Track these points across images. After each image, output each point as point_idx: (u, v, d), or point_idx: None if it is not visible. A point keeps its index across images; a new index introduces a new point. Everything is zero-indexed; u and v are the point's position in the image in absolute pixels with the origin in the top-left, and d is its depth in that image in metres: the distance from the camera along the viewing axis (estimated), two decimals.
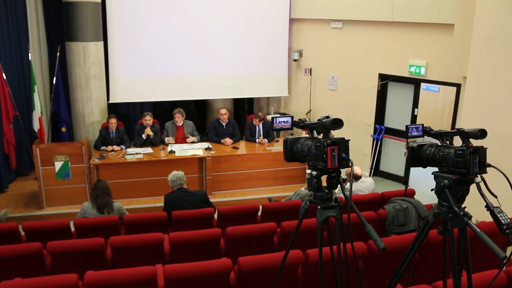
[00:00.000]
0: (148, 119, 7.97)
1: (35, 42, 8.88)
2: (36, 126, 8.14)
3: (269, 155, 7.96)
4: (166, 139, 8.11)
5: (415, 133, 2.92)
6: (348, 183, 2.51)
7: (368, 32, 8.64)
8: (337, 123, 2.39)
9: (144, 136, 7.93)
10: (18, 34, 8.30)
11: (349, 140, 2.43)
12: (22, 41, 8.42)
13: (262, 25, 9.67)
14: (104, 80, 8.68)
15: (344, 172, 2.79)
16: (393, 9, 8.05)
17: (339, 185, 2.52)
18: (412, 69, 8.01)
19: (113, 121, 7.89)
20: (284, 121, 2.84)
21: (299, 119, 2.65)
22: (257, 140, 8.38)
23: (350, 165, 2.35)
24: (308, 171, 2.52)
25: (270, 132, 8.54)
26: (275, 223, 4.76)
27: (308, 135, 2.64)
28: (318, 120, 2.52)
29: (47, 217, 6.91)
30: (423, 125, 2.93)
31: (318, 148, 2.40)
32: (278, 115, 9.90)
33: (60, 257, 4.35)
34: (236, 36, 9.57)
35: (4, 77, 7.55)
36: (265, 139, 8.36)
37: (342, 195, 2.56)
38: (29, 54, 8.28)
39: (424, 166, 2.79)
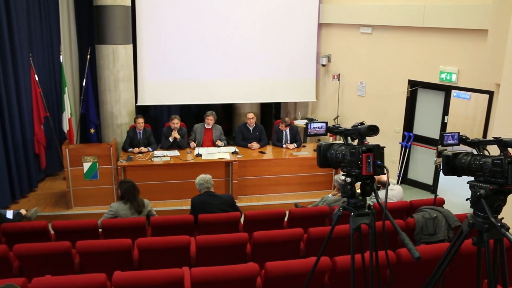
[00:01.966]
0: (176, 122, 8.04)
1: (66, 45, 9.07)
2: (65, 127, 8.29)
3: (296, 160, 7.94)
4: (191, 144, 8.15)
5: (450, 141, 2.88)
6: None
7: (398, 38, 8.56)
8: (373, 130, 2.37)
9: (171, 139, 7.99)
10: (50, 37, 8.49)
11: (385, 147, 2.41)
12: (54, 44, 8.61)
13: (290, 30, 9.67)
14: (132, 83, 8.79)
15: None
16: (424, 15, 7.95)
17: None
18: (443, 75, 7.90)
19: (140, 120, 7.99)
20: (318, 127, 2.83)
21: (333, 125, 2.64)
22: (283, 145, 8.37)
23: (385, 172, 2.33)
24: (342, 177, 2.51)
25: (298, 137, 8.52)
26: (302, 229, 4.74)
27: (341, 142, 2.63)
28: (353, 126, 2.50)
29: (75, 217, 7.02)
30: (459, 133, 2.89)
31: (353, 154, 2.39)
32: (312, 121, 9.87)
33: (88, 257, 4.41)
34: (264, 41, 9.60)
35: (37, 79, 7.72)
36: (294, 144, 8.35)
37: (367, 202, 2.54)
38: (61, 56, 8.47)
39: (459, 175, 2.74)
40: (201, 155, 7.70)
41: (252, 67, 9.63)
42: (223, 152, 7.87)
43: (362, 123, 2.51)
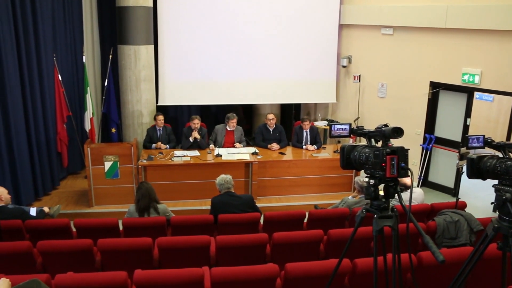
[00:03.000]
0: (196, 123, 8.07)
1: (89, 45, 9.20)
2: (87, 127, 8.41)
3: (316, 161, 7.92)
4: (210, 146, 8.17)
5: (475, 144, 2.85)
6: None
7: (419, 39, 8.48)
8: (398, 132, 2.36)
9: (191, 139, 8.04)
10: (73, 38, 8.62)
11: (409, 149, 2.39)
12: (77, 44, 8.73)
13: (311, 31, 9.65)
14: (153, 83, 8.86)
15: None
16: (446, 15, 7.86)
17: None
18: (466, 77, 7.80)
19: (160, 117, 8.09)
20: (342, 128, 2.82)
21: (357, 127, 2.64)
22: (303, 146, 8.35)
23: (409, 174, 2.31)
24: (365, 179, 2.50)
25: (318, 138, 8.49)
26: (322, 231, 4.73)
27: (364, 143, 2.62)
28: (377, 128, 2.49)
29: (96, 215, 7.10)
30: (484, 136, 2.86)
31: (377, 156, 2.38)
32: (333, 122, 9.84)
33: (109, 254, 4.45)
34: (285, 42, 9.59)
35: (60, 79, 7.84)
36: (314, 146, 8.33)
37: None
38: (83, 57, 8.58)
39: (484, 178, 2.71)
40: (221, 156, 7.72)
41: (273, 68, 9.64)
42: (243, 153, 7.89)
43: (386, 125, 2.50)
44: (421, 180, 8.78)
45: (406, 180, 5.86)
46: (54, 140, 7.94)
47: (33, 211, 5.55)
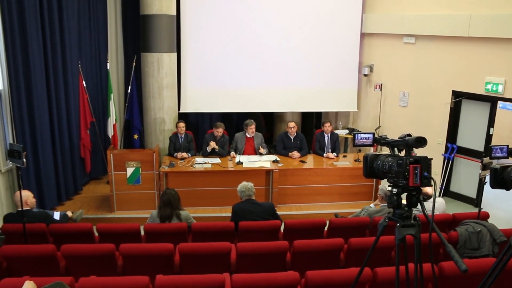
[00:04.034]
0: (220, 131, 8.15)
1: (113, 53, 9.35)
2: (110, 133, 8.52)
3: (336, 170, 7.91)
4: (231, 153, 8.21)
5: (499, 154, 2.85)
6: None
7: (442, 48, 8.43)
8: (421, 141, 2.38)
9: (208, 149, 8.09)
10: (98, 46, 8.77)
11: (432, 159, 2.40)
12: (102, 52, 8.89)
13: (332, 39, 9.65)
14: (176, 90, 8.96)
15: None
16: (469, 24, 7.80)
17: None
18: (489, 86, 7.73)
19: (182, 125, 8.15)
20: (365, 138, 2.84)
21: (380, 136, 2.65)
22: (324, 154, 8.35)
23: (432, 184, 2.32)
24: (388, 188, 2.51)
25: (337, 145, 8.49)
26: (342, 239, 4.72)
27: (387, 152, 2.63)
28: (400, 137, 2.51)
29: (117, 220, 7.20)
30: (507, 146, 2.85)
31: (400, 165, 2.40)
32: (354, 131, 9.82)
33: (131, 259, 4.51)
34: (306, 50, 9.61)
35: (84, 85, 7.98)
36: (333, 153, 8.32)
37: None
38: (108, 64, 8.73)
39: (507, 189, 2.69)
40: (242, 163, 7.77)
41: (294, 76, 9.66)
42: (264, 161, 7.92)
43: (409, 135, 2.51)
44: (442, 190, 8.70)
45: (429, 190, 5.83)
46: (77, 145, 8.08)
47: (56, 215, 5.65)
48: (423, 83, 8.81)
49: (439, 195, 8.59)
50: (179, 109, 9.20)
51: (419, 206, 2.53)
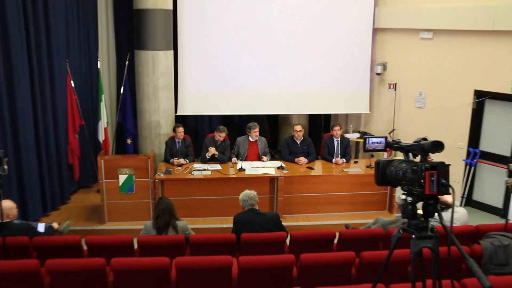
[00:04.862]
0: (222, 136, 8.16)
1: (104, 50, 9.36)
2: (101, 137, 8.52)
3: (347, 177, 7.90)
4: (232, 159, 8.23)
5: None
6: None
7: (463, 43, 8.41)
8: (438, 146, 2.37)
9: (207, 155, 8.09)
10: (88, 42, 8.77)
11: (450, 164, 2.39)
12: (92, 49, 8.88)
13: (342, 36, 9.66)
14: (172, 91, 8.99)
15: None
16: (494, 16, 7.76)
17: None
18: None
19: (181, 129, 8.15)
20: (377, 142, 2.84)
21: (393, 140, 2.65)
22: (333, 160, 8.34)
23: (450, 192, 2.32)
24: (403, 196, 2.51)
25: (348, 150, 8.47)
26: (354, 253, 4.71)
27: (401, 158, 2.63)
28: (415, 141, 2.50)
29: (108, 232, 7.18)
30: None
31: (415, 172, 2.39)
32: (366, 134, 9.81)
33: (123, 275, 4.49)
34: (314, 48, 9.62)
35: (73, 85, 7.99)
36: (343, 159, 8.32)
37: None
38: (98, 62, 8.73)
39: None
40: (244, 170, 7.77)
41: (300, 76, 9.68)
42: (267, 167, 7.91)
43: (424, 138, 2.51)
44: (464, 199, 8.66)
45: (447, 198, 5.80)
46: (65, 151, 8.06)
47: (41, 227, 5.60)
48: (442, 82, 8.80)
49: (461, 205, 8.55)
50: (176, 111, 9.22)
51: (437, 216, 2.52)
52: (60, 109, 7.84)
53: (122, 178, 7.35)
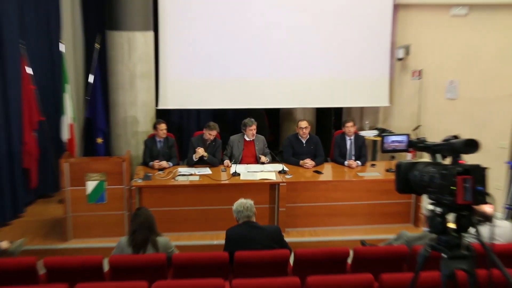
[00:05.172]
0: (213, 134, 8.11)
1: (68, 31, 9.31)
2: (65, 135, 8.48)
3: (363, 183, 7.88)
4: (224, 162, 8.23)
5: None
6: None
7: (505, 20, 8.37)
8: (471, 145, 2.36)
9: (195, 157, 8.05)
10: (48, 21, 8.72)
11: (488, 168, 2.38)
12: (53, 29, 8.82)
13: (357, 14, 9.64)
14: (153, 81, 9.00)
15: None
16: None
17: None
18: None
19: (163, 126, 8.11)
20: (398, 141, 2.81)
21: (418, 139, 2.64)
22: (345, 162, 8.34)
23: (489, 201, 2.30)
24: (430, 207, 2.49)
25: (363, 151, 8.47)
26: (372, 275, 4.69)
27: (427, 160, 2.61)
28: (444, 140, 2.48)
29: (73, 252, 7.13)
30: None
31: (445, 177, 2.37)
32: (385, 132, 9.78)
33: None
34: (322, 29, 9.61)
35: (30, 73, 7.92)
36: (357, 162, 8.32)
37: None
38: (61, 45, 8.65)
39: None
40: (239, 174, 7.74)
41: (306, 63, 9.66)
42: (267, 171, 7.90)
43: (455, 137, 2.49)
44: (509, 211, 8.64)
45: (486, 209, 5.78)
46: (18, 152, 7.96)
47: None
48: (478, 69, 8.79)
49: (506, 218, 8.53)
50: (157, 104, 9.22)
51: (473, 231, 2.50)
52: (13, 102, 7.73)
53: (91, 185, 7.30)
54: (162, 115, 9.16)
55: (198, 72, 9.35)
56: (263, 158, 8.27)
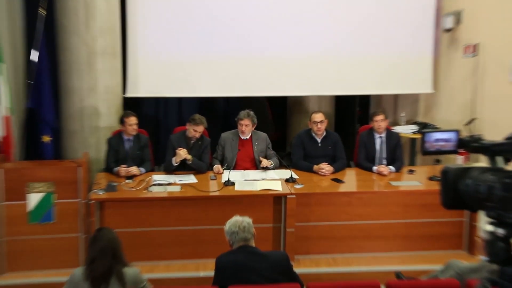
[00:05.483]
0: (198, 130, 8.09)
1: None
2: None
3: (398, 195, 7.87)
4: (214, 167, 8.23)
5: None
6: None
7: None
8: None
9: (175, 161, 8.03)
10: None
11: None
12: None
13: None
14: (119, 60, 9.03)
15: None
16: None
17: None
18: None
19: (132, 120, 8.11)
20: (444, 139, 2.78)
21: (472, 136, 2.61)
22: (374, 168, 8.34)
23: None
24: (489, 227, 2.47)
25: (398, 152, 8.50)
26: None
27: (484, 165, 2.59)
28: (508, 138, 2.46)
29: None
30: None
31: (509, 187, 2.35)
32: (426, 127, 9.77)
33: None
34: None
35: None
36: (390, 167, 8.31)
37: None
38: None
39: None
40: (233, 184, 7.74)
41: (322, 37, 9.67)
42: (270, 179, 7.92)
43: None
44: None
45: None
46: None
47: None
48: None
49: None
50: (124, 91, 9.23)
51: None
52: None
53: (34, 198, 7.28)
54: (132, 105, 9.17)
55: (179, 48, 9.36)
56: (264, 162, 8.24)
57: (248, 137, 8.37)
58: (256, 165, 8.36)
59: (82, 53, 8.61)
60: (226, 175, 7.89)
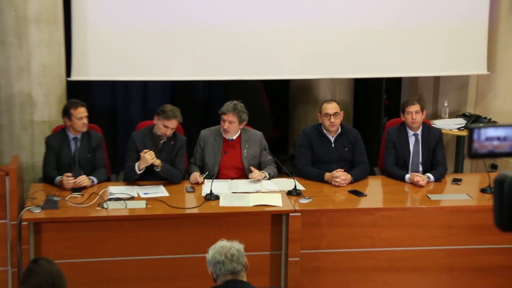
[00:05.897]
0: (170, 126, 8.05)
1: None
2: None
3: (438, 213, 7.93)
4: (191, 176, 8.24)
5: None
6: None
7: None
8: None
9: (139, 167, 7.97)
10: None
11: None
12: None
13: None
14: (61, 31, 9.05)
15: None
16: None
17: None
18: None
19: (81, 112, 8.05)
20: (499, 137, 2.80)
21: None
22: (407, 176, 8.35)
23: None
24: None
25: (438, 155, 8.52)
26: None
27: None
28: None
29: None
30: None
31: None
32: (487, 124, 9.78)
33: None
34: None
35: None
36: (428, 175, 8.32)
37: None
38: None
39: None
40: (217, 197, 7.74)
41: (336, 1, 9.72)
42: (267, 191, 7.95)
43: None
44: None
45: None
46: None
47: None
48: None
49: None
50: (68, 73, 9.22)
51: None
52: None
53: None
54: (80, 92, 9.17)
55: (143, 15, 9.37)
56: (256, 174, 8.17)
57: (234, 137, 8.36)
58: (245, 175, 8.32)
59: (10, 20, 8.61)
60: (208, 186, 7.87)
